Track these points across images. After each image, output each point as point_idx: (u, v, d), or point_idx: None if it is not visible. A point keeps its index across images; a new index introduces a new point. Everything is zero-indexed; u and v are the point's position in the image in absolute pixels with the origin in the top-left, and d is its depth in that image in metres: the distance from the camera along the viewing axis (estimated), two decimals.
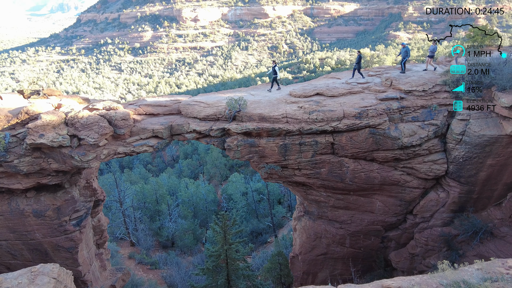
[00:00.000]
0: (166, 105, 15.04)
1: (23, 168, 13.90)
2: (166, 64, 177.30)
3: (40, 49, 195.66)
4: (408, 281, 4.69)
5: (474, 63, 13.81)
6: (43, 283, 4.30)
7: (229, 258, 20.60)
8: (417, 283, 4.59)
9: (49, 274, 4.57)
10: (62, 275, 4.83)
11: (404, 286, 4.70)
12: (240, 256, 20.62)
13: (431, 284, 4.86)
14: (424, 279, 4.72)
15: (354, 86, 15.51)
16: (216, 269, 20.70)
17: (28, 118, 14.50)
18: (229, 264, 20.68)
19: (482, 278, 4.98)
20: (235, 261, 20.69)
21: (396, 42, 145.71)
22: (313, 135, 13.43)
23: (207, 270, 20.68)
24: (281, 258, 23.68)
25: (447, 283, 4.92)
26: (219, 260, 20.92)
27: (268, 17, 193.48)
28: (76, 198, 16.47)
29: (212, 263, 20.94)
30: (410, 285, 4.42)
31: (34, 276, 4.46)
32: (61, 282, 4.67)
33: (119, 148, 13.57)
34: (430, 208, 15.80)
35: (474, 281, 4.80)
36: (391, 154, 14.16)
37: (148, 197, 41.01)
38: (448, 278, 5.00)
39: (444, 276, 5.27)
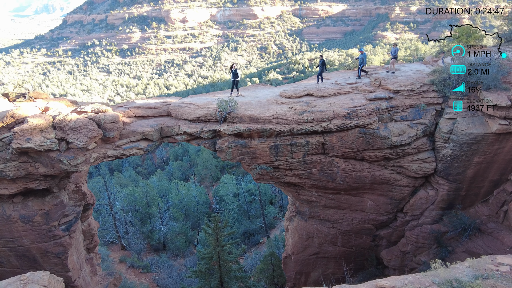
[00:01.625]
0: (156, 107, 14.91)
1: (9, 173, 13.59)
2: (155, 66, 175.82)
3: (25, 50, 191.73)
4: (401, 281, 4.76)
5: (462, 63, 14.08)
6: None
7: (222, 260, 20.52)
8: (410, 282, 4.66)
9: (39, 282, 4.46)
10: (53, 283, 4.73)
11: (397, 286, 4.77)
12: (232, 257, 20.55)
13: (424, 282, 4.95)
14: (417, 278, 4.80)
15: (344, 87, 15.66)
16: (209, 271, 20.61)
17: (14, 122, 14.16)
18: (222, 266, 20.61)
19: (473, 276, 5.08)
20: (227, 263, 20.62)
21: (383, 42, 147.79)
22: (304, 135, 13.50)
23: (200, 273, 20.58)
24: (273, 258, 23.71)
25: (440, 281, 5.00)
26: (212, 262, 20.83)
27: (257, 18, 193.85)
28: (65, 203, 16.18)
29: (205, 265, 20.83)
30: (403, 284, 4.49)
31: (24, 284, 4.36)
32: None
33: (108, 151, 13.39)
34: (420, 206, 16.05)
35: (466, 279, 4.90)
36: (381, 153, 14.33)
37: (139, 200, 40.56)
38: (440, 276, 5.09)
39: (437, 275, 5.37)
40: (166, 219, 37.61)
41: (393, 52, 17.79)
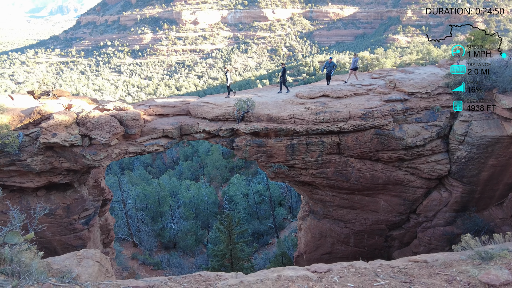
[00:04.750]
0: (176, 106, 15.36)
1: (35, 167, 14.17)
2: (165, 67, 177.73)
3: (39, 51, 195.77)
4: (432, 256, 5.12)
5: (475, 65, 14.20)
6: (89, 265, 4.57)
7: (234, 258, 20.85)
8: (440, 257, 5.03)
9: (93, 258, 4.85)
10: (104, 260, 5.11)
11: (428, 260, 5.17)
12: (245, 255, 20.88)
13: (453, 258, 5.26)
14: (445, 254, 5.13)
15: (359, 88, 15.89)
16: (221, 268, 20.96)
17: (40, 118, 14.78)
18: (234, 264, 20.93)
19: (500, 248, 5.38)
20: (240, 260, 20.94)
21: (395, 46, 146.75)
22: (319, 135, 13.77)
23: (212, 270, 20.92)
24: (284, 258, 23.93)
25: (470, 254, 5.30)
26: (224, 260, 21.18)
27: (267, 20, 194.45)
28: (85, 197, 16.73)
29: (217, 263, 21.19)
30: (434, 259, 4.84)
31: (80, 259, 4.73)
32: (103, 265, 4.93)
33: (130, 148, 13.86)
34: (433, 208, 16.14)
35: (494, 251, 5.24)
36: (395, 154, 14.51)
37: (150, 198, 41.22)
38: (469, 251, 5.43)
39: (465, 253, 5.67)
40: (177, 217, 38.14)
41: (353, 62, 17.54)
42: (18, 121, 14.66)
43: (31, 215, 8.68)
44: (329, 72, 17.25)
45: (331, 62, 17.18)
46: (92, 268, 4.50)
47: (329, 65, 17.19)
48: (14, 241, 4.23)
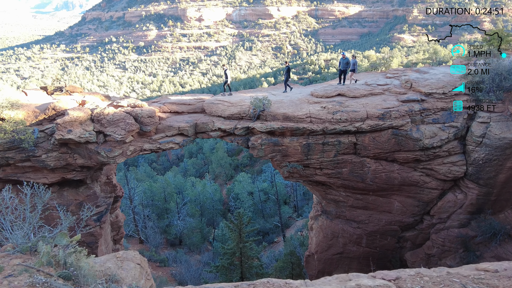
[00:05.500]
0: (190, 103, 15.28)
1: (50, 163, 14.15)
2: (170, 63, 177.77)
3: (45, 46, 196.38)
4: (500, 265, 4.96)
5: (496, 67, 14.01)
6: (130, 267, 4.51)
7: (244, 256, 20.80)
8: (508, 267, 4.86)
9: (133, 260, 4.78)
10: (143, 262, 5.05)
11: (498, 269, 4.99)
12: (255, 254, 20.83)
13: None
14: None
15: (375, 88, 15.73)
16: (230, 266, 20.92)
17: (55, 114, 14.75)
18: (243, 262, 20.89)
19: None
20: (249, 259, 20.89)
21: (400, 45, 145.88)
22: (336, 135, 13.65)
23: (222, 268, 20.89)
24: (293, 257, 23.85)
25: None
26: (234, 258, 21.13)
27: (272, 17, 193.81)
28: (98, 194, 16.72)
29: (227, 261, 21.14)
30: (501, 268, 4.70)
31: (121, 261, 4.67)
32: (143, 268, 4.88)
33: (145, 145, 13.81)
34: (447, 209, 15.99)
35: None
36: (412, 155, 14.37)
37: (157, 195, 41.28)
38: None
39: None
40: (183, 215, 38.17)
41: (352, 64, 16.75)
42: (33, 117, 14.64)
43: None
44: (344, 70, 16.79)
45: (345, 59, 16.66)
46: (134, 271, 4.44)
47: (342, 61, 16.75)
48: (63, 243, 4.17)
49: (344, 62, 16.65)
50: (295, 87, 17.76)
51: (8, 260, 3.89)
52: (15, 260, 3.84)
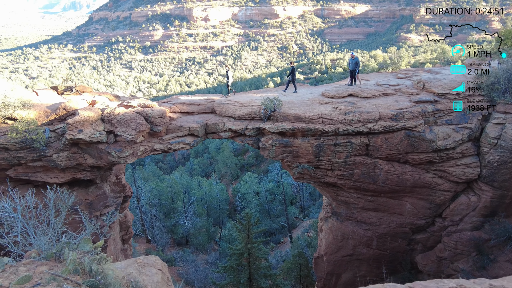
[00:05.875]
0: (200, 103, 15.22)
1: (61, 163, 14.18)
2: (176, 63, 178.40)
3: (52, 46, 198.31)
4: None
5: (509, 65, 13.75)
6: (152, 273, 4.43)
7: (252, 257, 20.69)
8: None
9: (154, 265, 4.70)
10: (164, 267, 4.97)
11: None
12: (263, 254, 20.72)
13: None
14: None
15: (387, 88, 15.53)
16: (238, 267, 20.83)
17: (66, 114, 14.79)
18: (251, 263, 20.78)
19: None
20: (257, 259, 20.78)
21: (407, 45, 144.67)
22: (348, 136, 13.49)
23: (230, 268, 20.80)
24: (301, 258, 23.73)
25: None
26: (242, 259, 21.03)
27: (278, 17, 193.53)
28: (107, 194, 16.73)
29: (235, 261, 21.05)
30: None
31: (141, 266, 4.59)
32: (164, 273, 4.80)
33: (155, 145, 13.78)
34: (460, 212, 15.73)
35: None
36: (424, 157, 14.15)
37: (164, 195, 41.38)
38: None
39: None
40: (190, 214, 38.19)
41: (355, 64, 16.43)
42: (44, 116, 14.70)
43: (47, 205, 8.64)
44: (353, 70, 16.60)
45: (354, 58, 16.43)
46: (156, 277, 4.36)
47: (352, 61, 16.56)
48: (86, 249, 4.12)
49: (353, 62, 16.48)
50: (305, 87, 17.62)
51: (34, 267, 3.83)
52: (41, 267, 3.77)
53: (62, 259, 3.91)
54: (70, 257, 3.61)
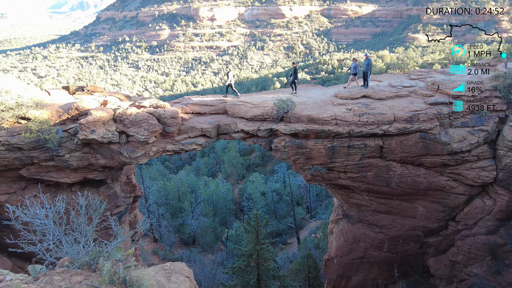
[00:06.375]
0: (212, 104, 15.15)
1: (73, 163, 14.21)
2: (182, 63, 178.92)
3: (60, 46, 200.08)
4: None
5: None
6: (180, 281, 4.36)
7: (260, 258, 20.59)
8: None
9: (182, 272, 4.62)
10: (190, 274, 4.89)
11: None
12: (272, 256, 20.60)
13: None
14: None
15: (400, 90, 15.33)
16: (246, 268, 20.74)
17: (78, 114, 14.82)
18: (260, 264, 20.68)
19: None
20: (266, 261, 20.67)
21: (414, 45, 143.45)
22: (362, 138, 13.32)
23: (238, 269, 20.72)
24: (310, 260, 23.56)
25: None
26: (251, 260, 20.94)
27: (284, 17, 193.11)
28: (118, 194, 16.75)
29: (243, 262, 20.97)
30: None
31: (169, 273, 4.52)
32: (192, 281, 4.72)
33: (168, 146, 13.73)
34: (474, 216, 15.48)
35: None
36: (439, 160, 13.93)
37: (171, 194, 41.44)
38: None
39: None
40: (197, 214, 38.20)
41: (353, 68, 16.30)
42: (56, 116, 14.74)
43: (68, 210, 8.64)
44: (365, 71, 16.38)
45: (366, 59, 16.21)
46: (184, 284, 4.28)
47: (365, 62, 16.34)
48: (118, 257, 4.06)
49: (365, 64, 16.27)
50: (317, 88, 17.47)
51: (68, 276, 3.77)
52: (76, 277, 3.72)
53: (95, 268, 3.84)
54: (106, 267, 3.55)
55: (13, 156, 13.99)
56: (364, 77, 16.34)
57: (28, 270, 3.97)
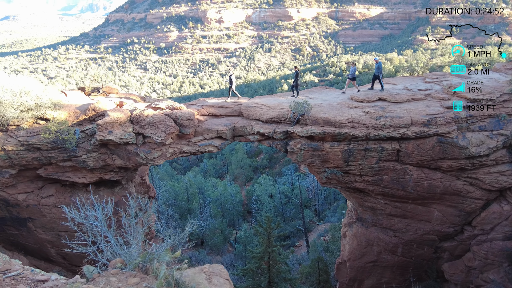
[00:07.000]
0: (228, 106, 15.22)
1: (90, 163, 14.36)
2: (190, 65, 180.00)
3: (70, 47, 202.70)
4: None
5: None
6: (219, 283, 4.39)
7: (272, 261, 20.58)
8: None
9: (221, 275, 4.66)
10: (228, 276, 4.92)
11: None
12: (283, 258, 20.57)
13: None
14: None
15: (416, 93, 15.24)
16: (257, 270, 20.73)
17: (95, 115, 14.97)
18: (271, 267, 20.66)
19: None
20: (277, 263, 20.65)
21: (423, 47, 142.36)
22: (379, 141, 13.26)
23: (249, 271, 20.73)
24: (321, 263, 23.46)
25: None
26: (262, 262, 20.93)
27: (292, 19, 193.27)
28: (133, 194, 16.87)
29: (255, 264, 20.97)
30: None
31: (208, 275, 4.55)
32: (230, 283, 4.76)
33: (184, 147, 13.82)
34: (491, 221, 15.27)
35: None
36: (456, 164, 13.80)
37: (180, 195, 41.62)
38: None
39: None
40: (206, 215, 38.30)
41: (352, 72, 16.25)
42: (74, 117, 14.92)
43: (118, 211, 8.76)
44: (376, 74, 16.29)
45: (377, 63, 16.11)
46: (225, 287, 4.31)
47: (375, 65, 16.29)
48: (166, 259, 4.10)
49: (376, 67, 16.22)
50: (331, 91, 17.44)
51: (124, 278, 3.82)
52: (131, 279, 3.77)
53: (147, 270, 3.89)
54: (163, 270, 3.59)
55: (32, 156, 14.19)
56: (374, 80, 16.26)
57: (83, 270, 4.04)
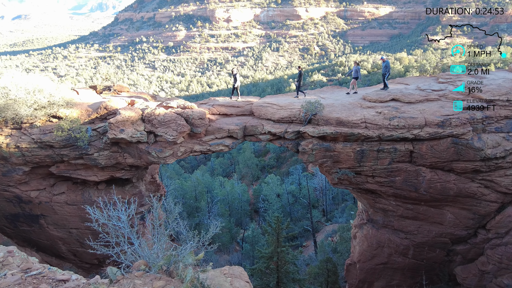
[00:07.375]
0: (239, 105, 15.16)
1: (101, 161, 14.45)
2: (198, 64, 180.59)
3: (80, 46, 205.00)
4: None
5: None
6: (240, 286, 4.37)
7: (281, 261, 20.51)
8: None
9: (242, 277, 4.62)
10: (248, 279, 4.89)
11: None
12: (292, 259, 20.49)
13: None
14: None
15: (430, 93, 15.00)
16: (266, 270, 20.68)
17: (107, 113, 15.07)
18: (280, 267, 20.59)
19: None
20: (286, 264, 20.58)
21: (433, 47, 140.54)
22: (392, 142, 13.07)
23: (258, 271, 20.69)
24: (330, 264, 23.29)
25: None
26: (271, 262, 20.88)
27: (300, 18, 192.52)
28: (143, 193, 16.95)
29: (263, 264, 20.92)
30: None
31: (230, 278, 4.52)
32: (251, 286, 4.72)
33: (195, 146, 13.81)
34: (506, 224, 14.95)
35: None
36: (471, 166, 13.53)
37: (188, 193, 41.76)
38: None
39: None
40: (214, 214, 38.37)
41: (354, 72, 16.08)
42: (86, 115, 15.03)
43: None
44: (383, 73, 16.12)
45: (384, 62, 15.90)
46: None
47: (382, 64, 16.14)
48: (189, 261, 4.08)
49: (383, 66, 16.05)
50: (343, 90, 17.28)
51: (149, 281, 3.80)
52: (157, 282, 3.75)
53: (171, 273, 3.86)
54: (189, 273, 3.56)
55: (45, 153, 14.34)
56: (384, 79, 16.17)
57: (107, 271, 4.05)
